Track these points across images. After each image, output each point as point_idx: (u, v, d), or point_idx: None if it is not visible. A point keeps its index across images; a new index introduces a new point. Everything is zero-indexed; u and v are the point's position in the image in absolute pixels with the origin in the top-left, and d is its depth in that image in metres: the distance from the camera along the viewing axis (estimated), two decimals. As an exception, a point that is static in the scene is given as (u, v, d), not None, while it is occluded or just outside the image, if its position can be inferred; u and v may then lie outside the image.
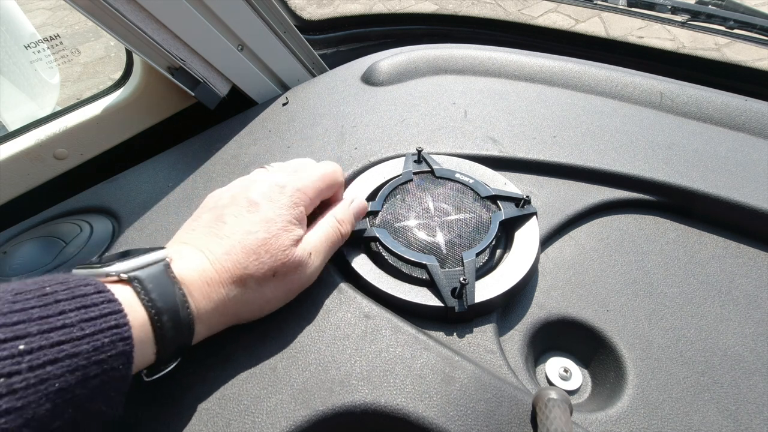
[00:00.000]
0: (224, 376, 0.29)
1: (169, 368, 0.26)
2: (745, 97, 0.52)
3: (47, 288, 0.21)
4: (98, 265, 0.25)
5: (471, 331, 0.32)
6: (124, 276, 0.24)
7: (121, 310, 0.22)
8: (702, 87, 0.53)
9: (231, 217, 0.30)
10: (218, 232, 0.29)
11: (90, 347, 0.20)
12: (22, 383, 0.18)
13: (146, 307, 0.24)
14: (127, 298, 0.23)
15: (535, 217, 0.38)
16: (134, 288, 0.24)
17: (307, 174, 0.33)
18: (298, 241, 0.31)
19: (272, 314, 0.32)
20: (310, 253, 0.31)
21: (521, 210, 0.38)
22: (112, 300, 0.22)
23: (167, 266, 0.26)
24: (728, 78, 0.65)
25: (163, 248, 0.27)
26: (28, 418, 0.18)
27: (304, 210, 0.32)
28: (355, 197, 0.37)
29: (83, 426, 0.20)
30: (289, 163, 0.36)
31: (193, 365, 0.30)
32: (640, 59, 0.71)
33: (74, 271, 0.25)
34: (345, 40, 0.81)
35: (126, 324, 0.22)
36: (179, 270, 0.26)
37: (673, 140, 0.47)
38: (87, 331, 0.20)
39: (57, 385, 0.19)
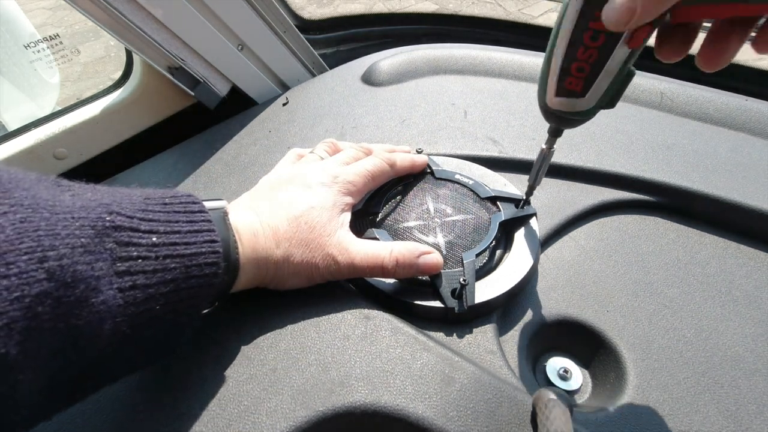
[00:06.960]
0: (224, 376, 0.29)
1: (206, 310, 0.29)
2: (745, 97, 0.51)
3: (167, 200, 0.26)
4: None
5: (471, 332, 0.32)
6: None
7: (214, 230, 0.26)
8: (702, 87, 0.53)
9: (284, 192, 0.34)
10: (271, 197, 0.33)
11: (190, 252, 0.25)
12: (150, 267, 0.23)
13: None
14: None
15: (534, 217, 0.38)
16: None
17: (357, 168, 0.36)
18: (339, 226, 0.32)
19: (271, 314, 0.32)
20: (347, 249, 0.32)
21: (521, 211, 0.38)
22: (209, 220, 0.27)
23: (225, 213, 0.29)
24: (728, 78, 0.65)
25: (221, 199, 0.31)
26: (151, 294, 0.23)
27: (351, 200, 0.35)
28: (426, 249, 0.34)
29: (173, 318, 0.24)
30: (342, 154, 0.38)
31: (194, 365, 0.30)
32: (640, 59, 0.70)
33: None
34: (345, 40, 0.81)
35: (218, 240, 0.26)
36: (232, 219, 0.30)
37: (673, 140, 0.47)
38: (190, 240, 0.25)
39: (168, 276, 0.23)
